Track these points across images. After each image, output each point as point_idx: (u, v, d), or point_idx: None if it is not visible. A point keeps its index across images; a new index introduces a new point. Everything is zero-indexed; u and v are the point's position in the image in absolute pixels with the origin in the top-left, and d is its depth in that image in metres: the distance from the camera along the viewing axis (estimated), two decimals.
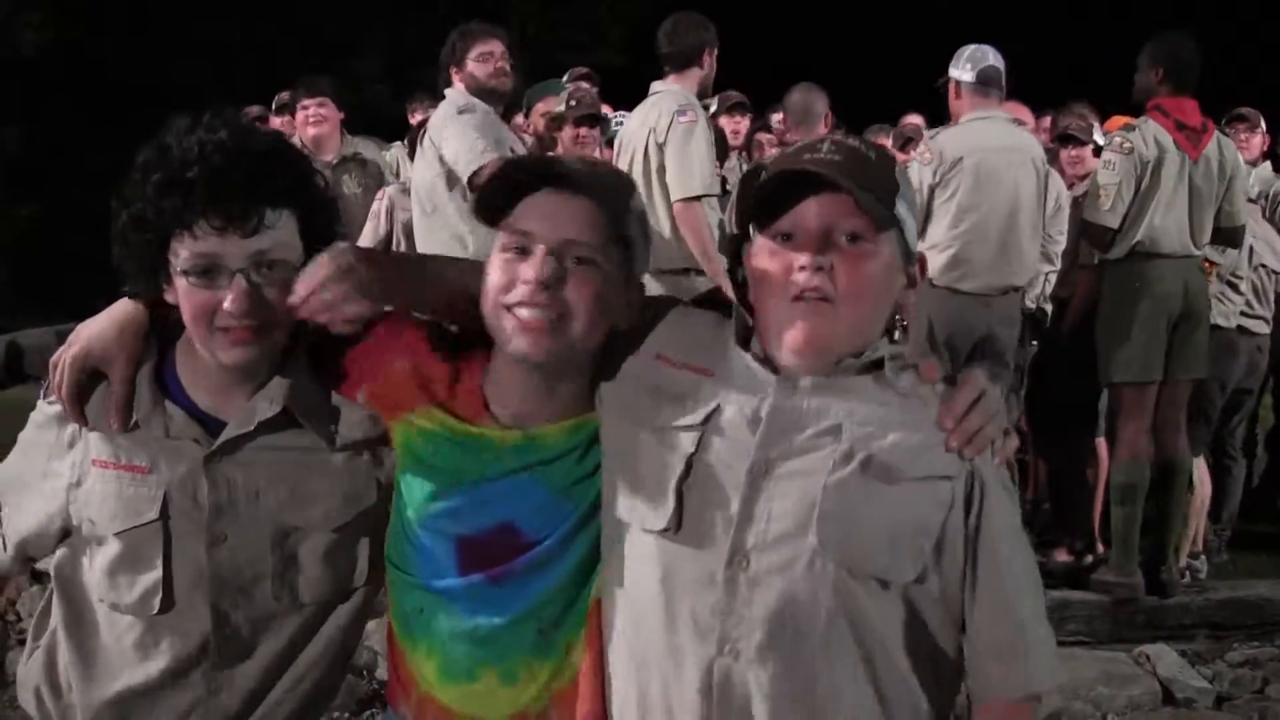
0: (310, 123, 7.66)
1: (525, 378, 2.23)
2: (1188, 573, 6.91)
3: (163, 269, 2.26)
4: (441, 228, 6.13)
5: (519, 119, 7.56)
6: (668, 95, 6.36)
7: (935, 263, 6.21)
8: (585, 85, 8.02)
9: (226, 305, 2.20)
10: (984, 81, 6.36)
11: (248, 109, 8.93)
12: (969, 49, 6.38)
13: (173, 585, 2.34)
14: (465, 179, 5.88)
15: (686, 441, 2.12)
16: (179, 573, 2.34)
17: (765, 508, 2.05)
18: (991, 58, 6.36)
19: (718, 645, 2.05)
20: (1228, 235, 6.72)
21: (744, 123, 8.68)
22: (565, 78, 7.84)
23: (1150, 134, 6.43)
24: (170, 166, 2.19)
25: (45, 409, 2.41)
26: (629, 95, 7.75)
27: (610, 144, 7.29)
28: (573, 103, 7.21)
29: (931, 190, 6.24)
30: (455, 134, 6.04)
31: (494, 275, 2.18)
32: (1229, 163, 6.57)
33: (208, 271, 2.21)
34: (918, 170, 6.25)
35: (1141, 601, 6.50)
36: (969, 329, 6.30)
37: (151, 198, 2.20)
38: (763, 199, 2.09)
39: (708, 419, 2.12)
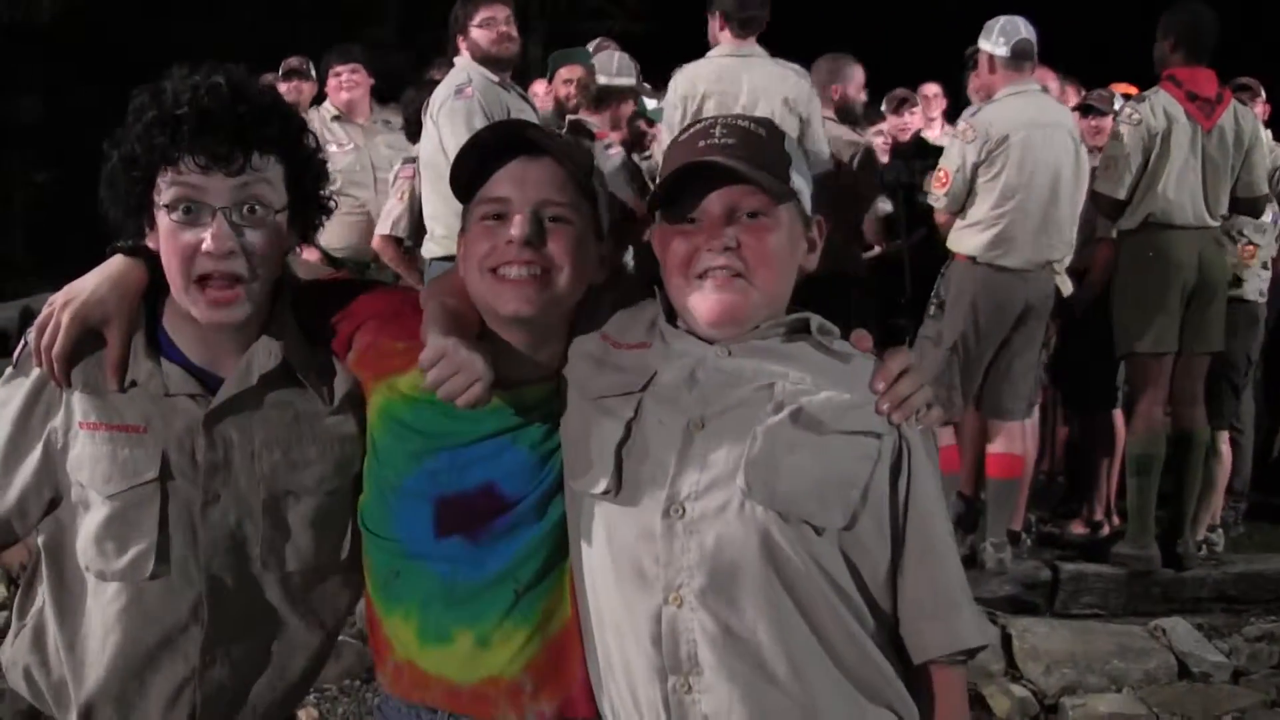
0: (344, 88, 7.81)
1: (513, 338, 2.30)
2: (1204, 546, 6.88)
3: (147, 210, 2.27)
4: (445, 201, 6.08)
5: (538, 84, 7.51)
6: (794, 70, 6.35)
7: (977, 241, 6.22)
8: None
9: (206, 244, 2.20)
10: (1018, 55, 6.28)
11: (262, 77, 8.88)
12: (1000, 21, 6.29)
13: (168, 548, 2.32)
14: None
15: (625, 407, 2.21)
16: (174, 535, 2.33)
17: (700, 458, 2.13)
18: (1023, 29, 6.28)
19: (663, 593, 2.12)
20: (1247, 206, 6.68)
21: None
22: (591, 47, 7.77)
23: (1160, 105, 6.39)
24: (162, 105, 2.22)
25: (8, 387, 2.38)
26: (646, 63, 7.70)
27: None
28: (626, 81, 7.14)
29: (975, 168, 6.18)
30: (449, 122, 6.02)
31: (475, 245, 2.28)
32: (1246, 133, 6.52)
33: (190, 208, 2.21)
34: (960, 148, 6.19)
35: (1157, 574, 6.50)
36: (1009, 305, 6.28)
37: (141, 135, 2.21)
38: (668, 188, 2.22)
39: (646, 385, 2.22)
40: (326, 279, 2.61)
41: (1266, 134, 7.36)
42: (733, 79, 6.33)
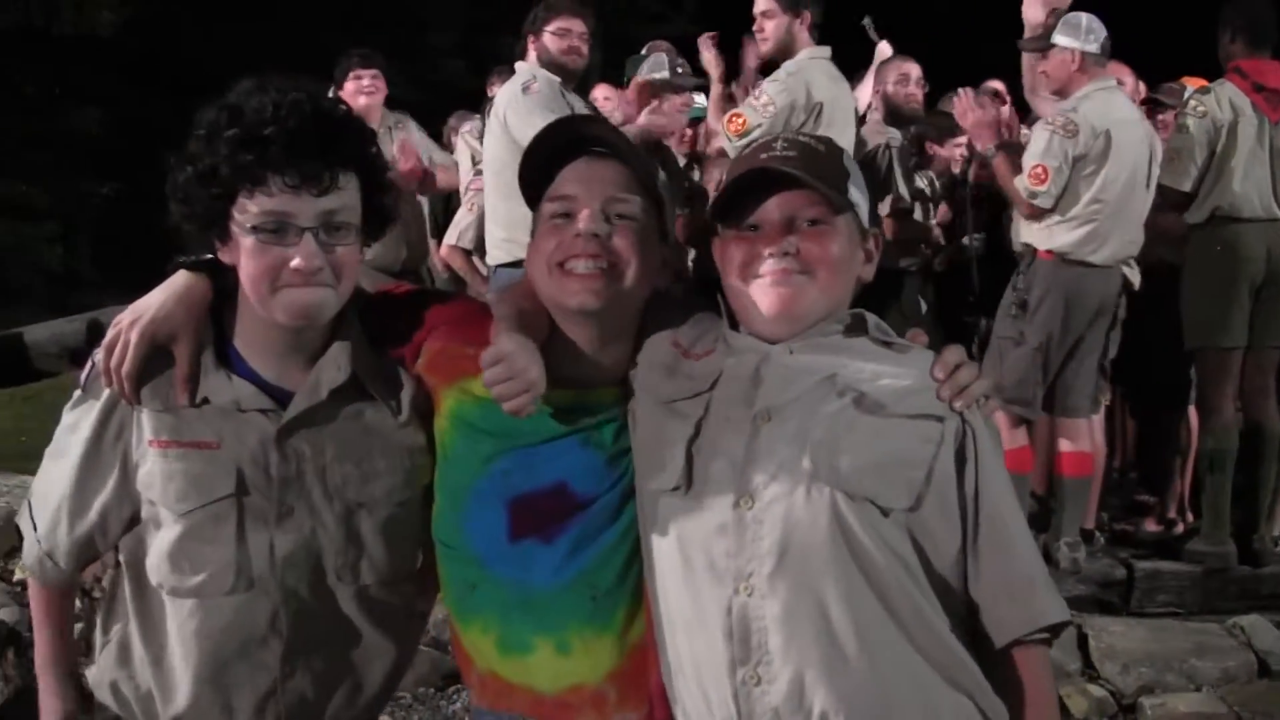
0: (363, 92, 7.64)
1: (581, 336, 2.34)
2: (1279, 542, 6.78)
3: (221, 226, 2.28)
4: (516, 205, 6.06)
5: (599, 89, 7.52)
6: None
7: (1070, 237, 6.18)
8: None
9: (295, 263, 2.23)
10: (1104, 52, 6.27)
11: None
12: (1084, 18, 6.24)
13: (246, 564, 2.34)
14: None
15: (696, 408, 2.27)
16: (250, 550, 2.35)
17: (767, 450, 2.18)
18: (1102, 26, 6.26)
19: (733, 584, 2.16)
20: None
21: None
22: (644, 51, 7.78)
23: (1225, 97, 6.35)
24: (245, 124, 2.22)
25: (78, 410, 2.40)
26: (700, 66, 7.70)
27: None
28: (679, 70, 7.15)
29: (1075, 162, 6.12)
30: (521, 117, 6.01)
31: (543, 243, 2.33)
32: None
33: (278, 229, 2.23)
34: (1060, 143, 6.11)
35: (1234, 571, 6.43)
36: (1092, 302, 6.27)
37: (225, 154, 2.22)
38: (729, 197, 2.30)
39: (714, 385, 2.28)
40: (393, 289, 2.63)
41: None
42: None
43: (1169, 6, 16.61)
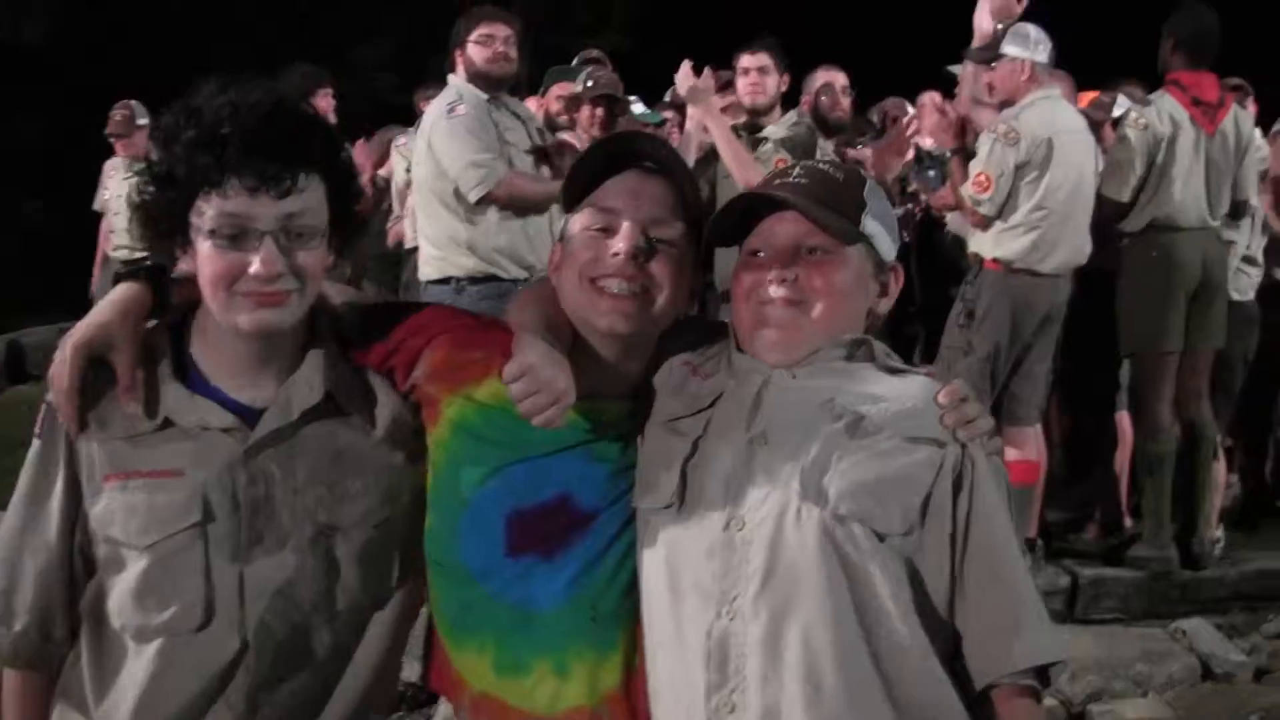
0: (330, 110, 7.78)
1: (601, 350, 2.30)
2: (1217, 545, 6.85)
3: (181, 232, 2.19)
4: (440, 227, 6.09)
5: (529, 101, 7.53)
6: None
7: (1017, 245, 6.22)
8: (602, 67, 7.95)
9: (254, 269, 2.14)
10: (1051, 62, 6.34)
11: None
12: (1031, 29, 6.30)
13: (213, 595, 2.23)
14: (470, 196, 5.89)
15: (695, 426, 2.24)
16: (218, 580, 2.23)
17: (761, 472, 2.15)
18: (1048, 37, 6.32)
19: (716, 608, 2.12)
20: (1234, 208, 6.75)
21: None
22: (575, 61, 7.78)
23: (1165, 110, 6.46)
24: (203, 124, 2.14)
25: (36, 444, 2.30)
26: (634, 79, 7.70)
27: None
28: (590, 83, 7.17)
29: (1017, 169, 6.17)
30: (445, 142, 5.99)
31: (580, 252, 2.27)
32: (1244, 137, 6.61)
33: (237, 233, 2.14)
34: (1001, 150, 6.16)
35: (1176, 575, 6.51)
36: (1039, 310, 6.31)
37: (182, 155, 2.14)
38: (735, 220, 2.28)
39: (713, 403, 2.25)
40: (370, 302, 2.55)
41: (1256, 133, 7.42)
42: None
43: (1110, 15, 16.80)
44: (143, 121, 9.60)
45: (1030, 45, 6.26)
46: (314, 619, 2.31)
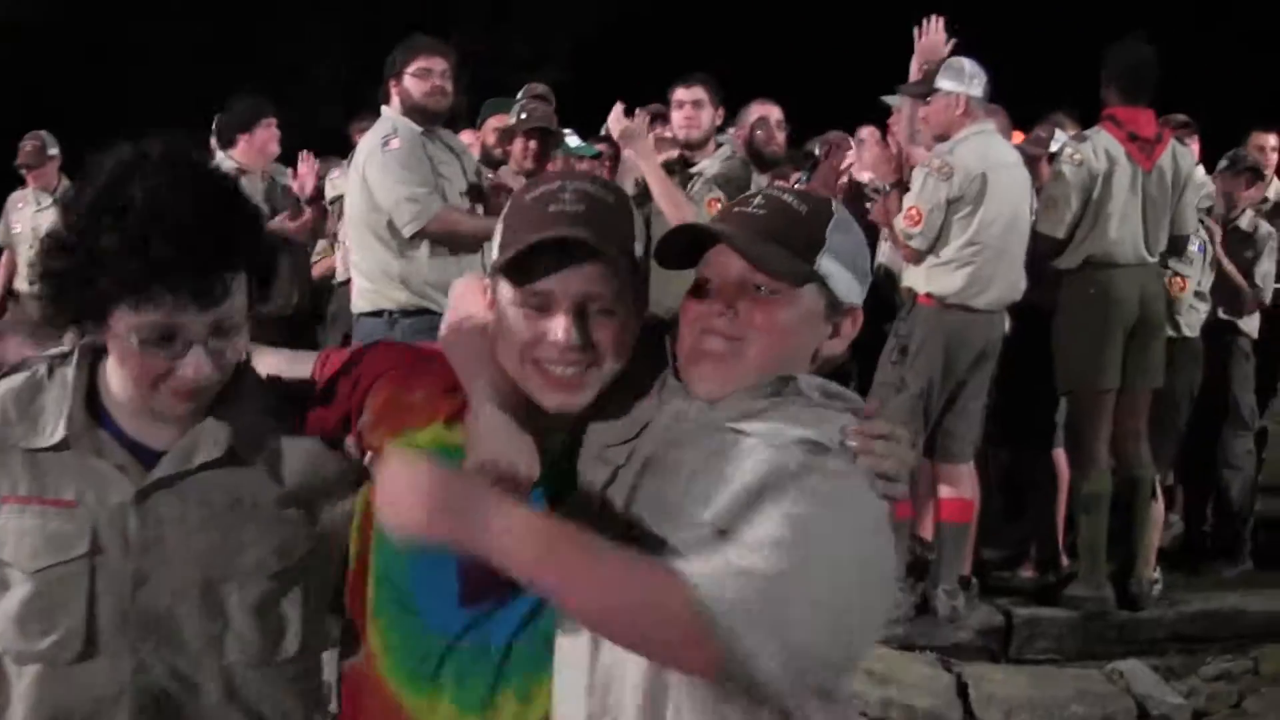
0: (275, 141, 7.69)
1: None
2: (1155, 585, 6.81)
3: (94, 319, 2.13)
4: (373, 260, 6.06)
5: (466, 134, 7.45)
6: None
7: (949, 281, 6.18)
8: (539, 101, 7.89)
9: (184, 374, 2.10)
10: (986, 96, 6.32)
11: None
12: (966, 63, 6.29)
13: (95, 628, 2.19)
14: (405, 231, 5.88)
15: (620, 454, 2.17)
16: (101, 614, 2.19)
17: (642, 499, 2.10)
18: (982, 71, 6.31)
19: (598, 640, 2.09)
20: (1172, 244, 6.75)
21: None
22: (521, 94, 7.71)
23: (1101, 145, 6.44)
24: (127, 226, 2.03)
25: None
26: (574, 112, 7.63)
27: (565, 158, 7.18)
28: (523, 115, 7.10)
29: (950, 204, 6.13)
30: (379, 175, 5.95)
31: (517, 328, 2.14)
32: (1183, 172, 6.60)
33: (165, 338, 2.09)
34: (934, 184, 6.12)
35: (1112, 616, 6.47)
36: (973, 347, 6.27)
37: (108, 264, 2.04)
38: (687, 247, 2.18)
39: (639, 433, 2.17)
40: (302, 366, 2.45)
41: (1199, 170, 7.43)
42: None
43: (1046, 49, 17.00)
44: (53, 152, 9.53)
45: (964, 79, 6.24)
46: (201, 668, 2.24)
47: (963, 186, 6.09)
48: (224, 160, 7.49)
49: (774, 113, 7.30)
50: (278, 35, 19.52)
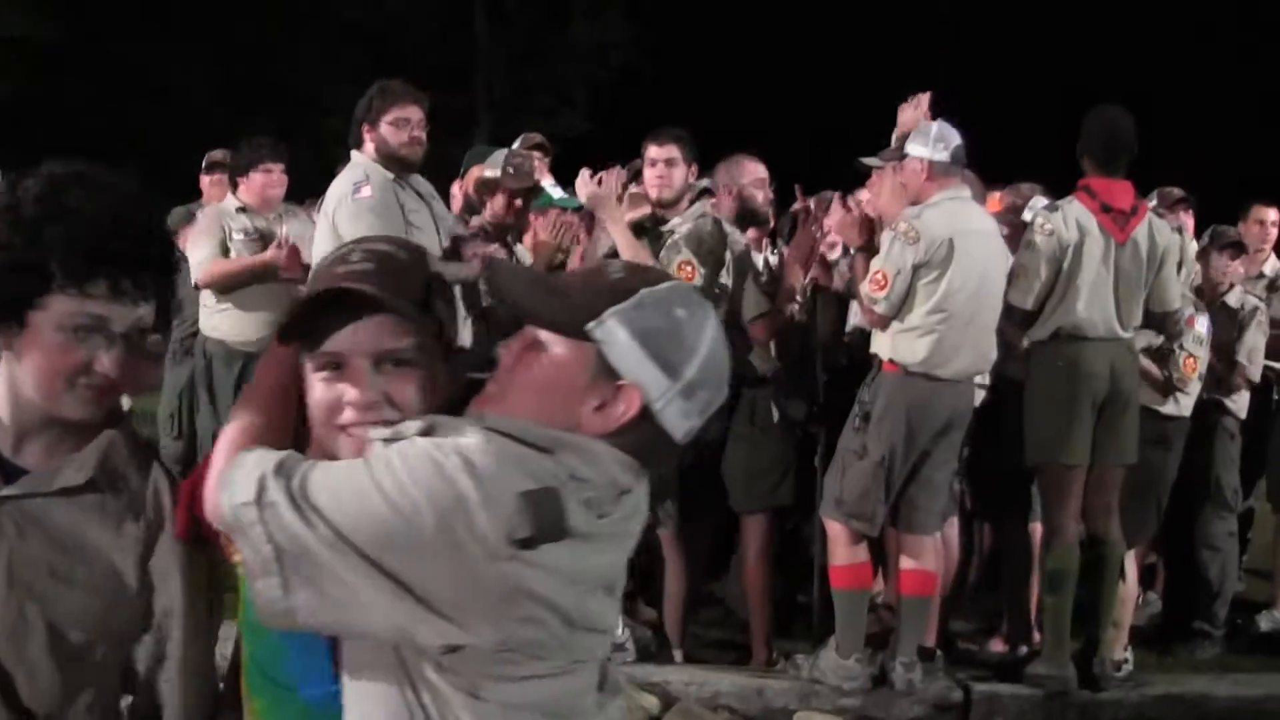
0: (272, 186, 7.69)
1: None
2: (1121, 666, 6.69)
3: (16, 316, 2.13)
4: None
5: (455, 185, 7.45)
6: None
7: (915, 348, 6.07)
8: (531, 153, 7.82)
9: (104, 368, 2.13)
10: (955, 161, 6.21)
11: (211, 153, 9.04)
12: (935, 127, 6.21)
13: None
14: None
15: None
16: None
17: None
18: (957, 136, 6.22)
19: None
20: (1159, 320, 6.64)
21: None
22: (518, 143, 7.66)
23: (1073, 216, 6.33)
24: (74, 221, 2.11)
25: None
26: (593, 161, 7.60)
27: (543, 212, 7.13)
28: (510, 170, 7.04)
29: (916, 269, 6.03)
30: (349, 224, 5.88)
31: (316, 394, 2.10)
32: (1160, 246, 6.46)
33: (91, 331, 2.12)
34: (900, 248, 6.04)
35: (1073, 696, 6.33)
36: (937, 416, 6.16)
37: (55, 252, 2.09)
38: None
39: None
40: None
41: (1192, 245, 7.30)
42: None
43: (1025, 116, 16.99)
44: None
45: (930, 143, 6.16)
46: None
47: (929, 251, 5.99)
48: (231, 200, 7.71)
49: (759, 170, 7.23)
50: (298, 73, 19.67)
